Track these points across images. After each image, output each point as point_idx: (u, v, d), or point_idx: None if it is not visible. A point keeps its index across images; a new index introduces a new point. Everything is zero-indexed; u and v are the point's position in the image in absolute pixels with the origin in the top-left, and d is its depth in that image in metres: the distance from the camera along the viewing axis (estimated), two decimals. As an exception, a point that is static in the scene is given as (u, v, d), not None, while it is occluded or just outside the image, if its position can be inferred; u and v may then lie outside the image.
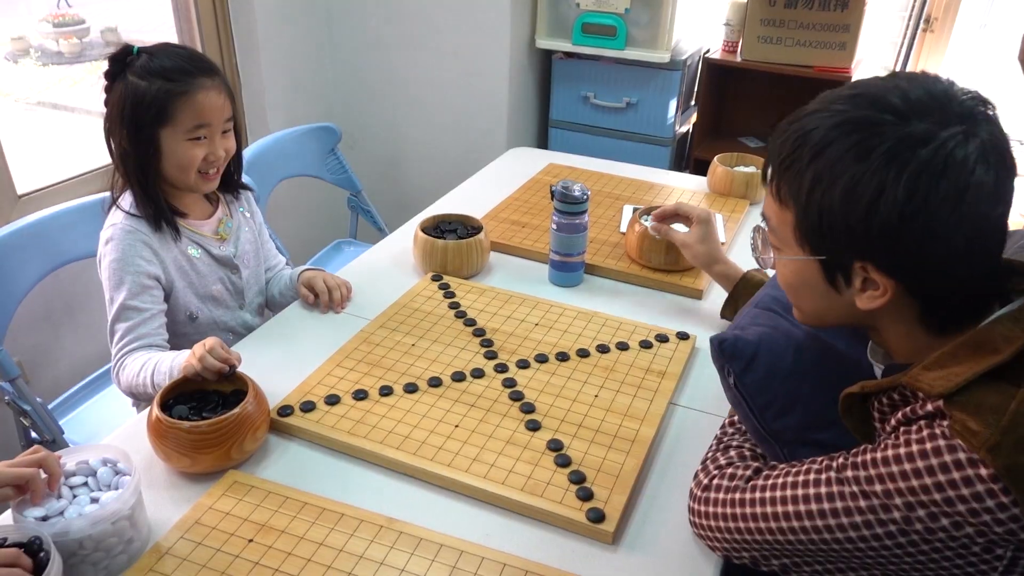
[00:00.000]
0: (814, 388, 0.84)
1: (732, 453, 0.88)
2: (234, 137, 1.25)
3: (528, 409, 1.04)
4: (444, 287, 1.34)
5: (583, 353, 1.17)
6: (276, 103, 2.36)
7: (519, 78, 2.48)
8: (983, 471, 0.61)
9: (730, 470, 0.84)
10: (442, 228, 1.46)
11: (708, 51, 2.52)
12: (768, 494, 0.76)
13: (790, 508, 0.73)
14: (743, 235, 1.60)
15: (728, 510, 0.80)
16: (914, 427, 0.67)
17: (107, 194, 1.26)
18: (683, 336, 1.22)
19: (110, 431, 1.04)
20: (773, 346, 0.86)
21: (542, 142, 2.69)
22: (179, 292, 1.26)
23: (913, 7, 2.38)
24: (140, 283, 1.20)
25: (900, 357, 0.77)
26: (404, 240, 1.52)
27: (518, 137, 2.57)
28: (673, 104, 2.41)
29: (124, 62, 1.18)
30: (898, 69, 2.33)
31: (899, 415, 0.70)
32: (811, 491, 0.72)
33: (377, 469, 0.96)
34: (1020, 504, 0.61)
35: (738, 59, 2.43)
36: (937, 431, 0.65)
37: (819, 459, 0.75)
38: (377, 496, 0.92)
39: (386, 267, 1.44)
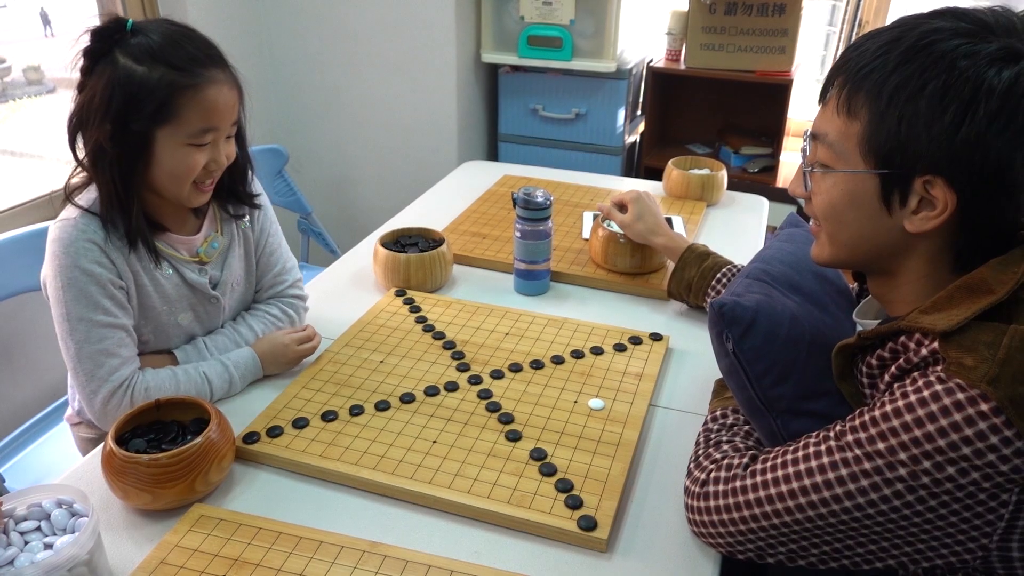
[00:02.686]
0: (810, 355, 0.83)
1: (725, 447, 0.86)
2: (235, 141, 1.06)
3: (507, 419, 1.01)
4: (409, 302, 1.30)
5: (558, 360, 1.14)
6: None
7: (466, 93, 2.46)
8: (984, 406, 0.61)
9: (726, 461, 0.82)
10: (402, 242, 1.42)
11: (652, 60, 2.55)
12: (769, 476, 0.74)
13: (794, 485, 0.71)
14: (704, 235, 1.60)
15: (729, 500, 0.77)
16: (908, 379, 0.67)
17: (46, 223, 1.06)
18: (656, 337, 1.20)
19: (57, 476, 0.96)
20: (771, 312, 0.85)
21: (492, 157, 2.67)
22: (134, 311, 1.03)
23: (847, 11, 2.45)
24: (107, 292, 0.98)
25: (901, 306, 0.76)
26: (362, 258, 1.48)
27: (468, 153, 2.55)
28: (621, 113, 2.42)
29: (113, 39, 0.94)
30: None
31: (892, 369, 0.70)
32: (813, 464, 0.71)
33: (354, 492, 0.91)
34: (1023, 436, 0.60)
35: (682, 67, 2.46)
36: (932, 377, 0.65)
37: (815, 433, 0.74)
38: (357, 520, 0.87)
39: (346, 286, 1.39)
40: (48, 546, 0.74)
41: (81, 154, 0.99)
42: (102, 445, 0.87)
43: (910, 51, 0.68)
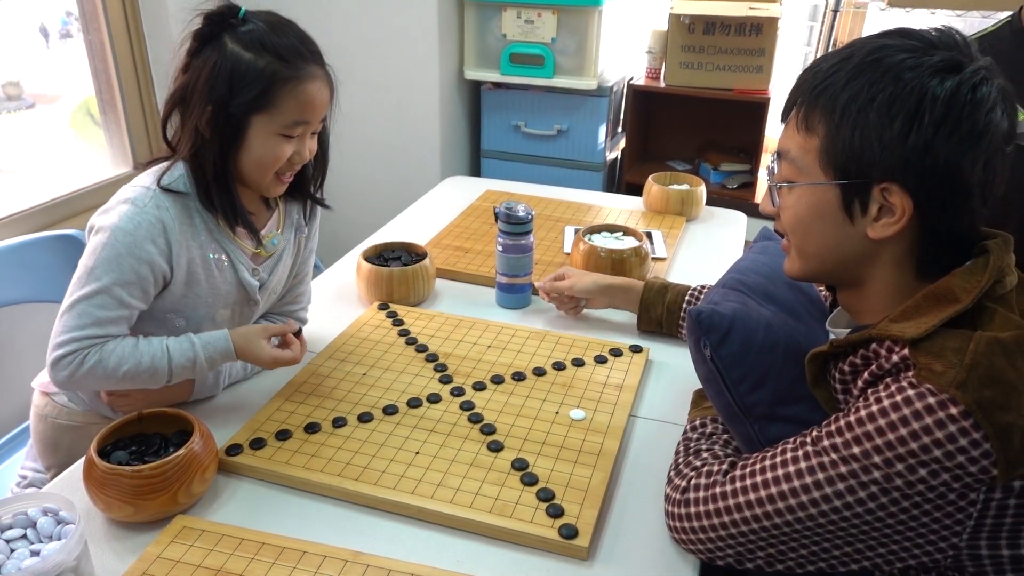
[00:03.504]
0: (785, 362, 0.85)
1: (705, 454, 0.88)
2: (319, 139, 1.09)
3: (489, 430, 1.02)
4: (392, 315, 1.31)
5: (539, 371, 1.15)
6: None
7: (449, 110, 2.49)
8: (953, 410, 0.64)
9: (706, 468, 0.83)
10: (385, 256, 1.43)
11: (632, 78, 2.59)
12: (748, 482, 0.76)
13: (772, 490, 0.73)
14: (683, 249, 1.62)
15: (709, 507, 0.79)
16: (881, 385, 0.70)
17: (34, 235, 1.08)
18: (636, 349, 1.22)
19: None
20: (747, 320, 0.87)
21: (475, 172, 2.69)
22: (176, 297, 1.03)
23: (822, 32, 2.51)
24: (139, 273, 0.97)
25: (870, 315, 0.79)
26: (345, 272, 1.48)
27: (451, 169, 2.57)
28: (602, 130, 2.45)
29: (224, 24, 0.97)
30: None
31: (865, 375, 0.72)
32: (791, 469, 0.73)
33: (337, 503, 0.92)
34: (990, 439, 0.63)
35: (662, 84, 2.50)
36: (904, 383, 0.67)
37: (792, 439, 0.76)
38: (339, 530, 0.87)
39: (329, 300, 1.40)
40: (35, 554, 0.74)
41: (170, 134, 1.03)
42: (84, 457, 0.87)
43: (860, 66, 0.72)
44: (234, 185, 1.03)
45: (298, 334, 1.10)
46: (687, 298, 1.24)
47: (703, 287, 1.24)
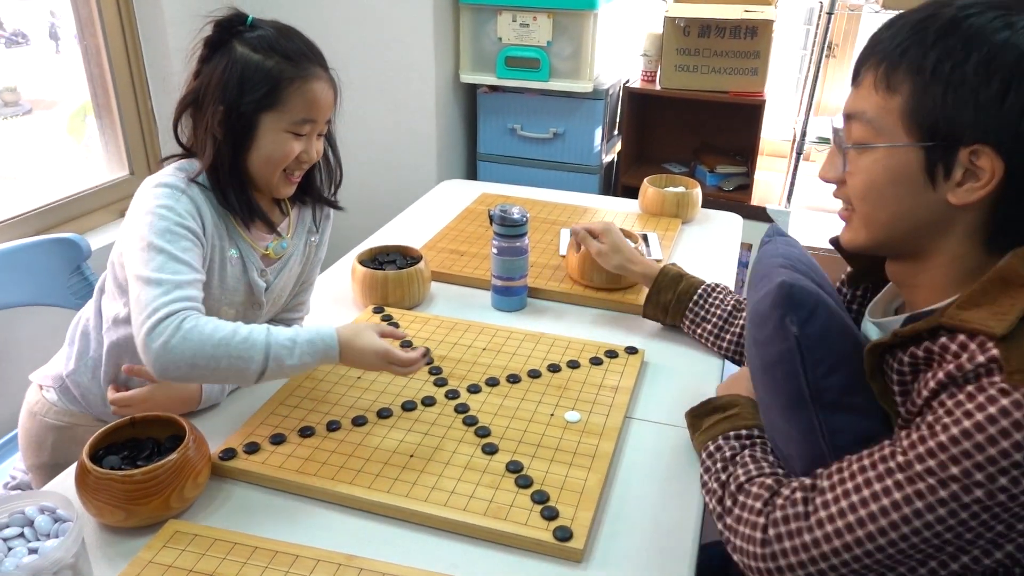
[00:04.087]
0: (855, 347, 0.79)
1: (758, 487, 0.80)
2: (327, 142, 1.14)
3: (483, 433, 1.01)
4: (387, 319, 1.30)
5: (534, 374, 1.15)
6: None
7: (445, 113, 2.49)
8: None
9: (779, 502, 0.76)
10: (380, 260, 1.43)
11: (628, 81, 2.59)
12: (840, 523, 0.70)
13: (872, 527, 0.68)
14: (679, 251, 1.62)
15: (802, 556, 0.72)
16: (964, 395, 0.65)
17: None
18: (632, 351, 1.21)
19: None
20: (826, 300, 0.80)
21: (471, 175, 2.69)
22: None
23: (816, 34, 2.52)
24: (194, 241, 1.00)
25: (927, 291, 0.77)
26: (340, 276, 1.48)
27: (447, 172, 2.57)
28: (598, 133, 2.45)
29: (233, 30, 1.03)
30: (806, 91, 2.44)
31: (940, 376, 0.68)
32: (886, 501, 0.68)
33: (331, 507, 0.91)
34: None
35: (657, 87, 2.50)
36: (994, 391, 0.63)
37: (867, 456, 0.72)
38: (333, 534, 0.87)
39: (325, 304, 1.40)
40: (33, 551, 0.74)
41: (183, 138, 1.08)
42: (76, 463, 0.87)
43: (948, 25, 0.69)
44: (248, 184, 1.07)
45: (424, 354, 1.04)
46: (700, 291, 1.23)
47: (718, 284, 1.24)
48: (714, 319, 1.21)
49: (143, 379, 1.07)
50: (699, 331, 1.23)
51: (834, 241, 0.89)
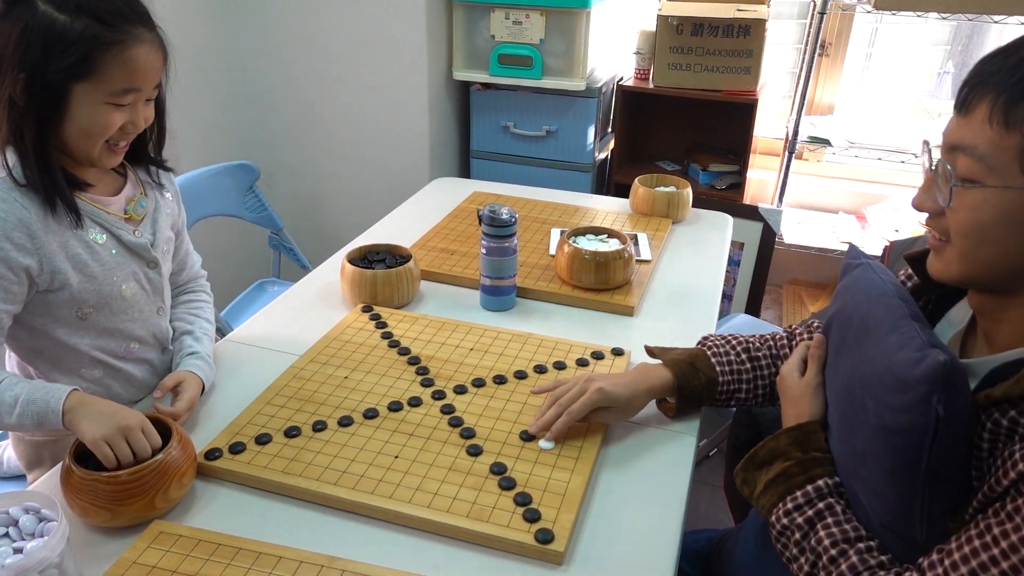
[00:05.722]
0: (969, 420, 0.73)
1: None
2: (154, 105, 1.02)
3: (468, 434, 1.02)
4: (375, 317, 1.31)
5: (521, 375, 1.16)
6: (188, 143, 2.29)
7: (439, 110, 2.49)
8: None
9: None
10: (370, 259, 1.43)
11: (621, 79, 2.59)
12: None
13: None
14: (669, 251, 1.63)
15: None
16: None
17: None
18: (618, 352, 1.22)
19: None
20: (967, 377, 0.72)
21: (464, 173, 2.70)
22: (74, 289, 0.99)
23: (809, 33, 2.52)
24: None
25: (1012, 333, 0.75)
26: (330, 274, 1.49)
27: (440, 169, 2.57)
28: (591, 131, 2.45)
29: None
30: (799, 90, 2.45)
31: None
32: None
33: (315, 508, 0.92)
34: None
35: (650, 85, 2.50)
36: None
37: (973, 542, 0.68)
38: (316, 535, 0.88)
39: (313, 302, 1.40)
40: (18, 551, 0.74)
41: None
42: (62, 463, 0.87)
43: None
44: (54, 158, 0.95)
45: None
46: (720, 380, 1.07)
47: (714, 347, 1.10)
48: (744, 385, 1.08)
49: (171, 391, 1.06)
50: (733, 402, 1.10)
51: (911, 259, 0.86)
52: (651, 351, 1.13)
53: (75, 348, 1.06)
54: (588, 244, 1.46)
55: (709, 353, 1.09)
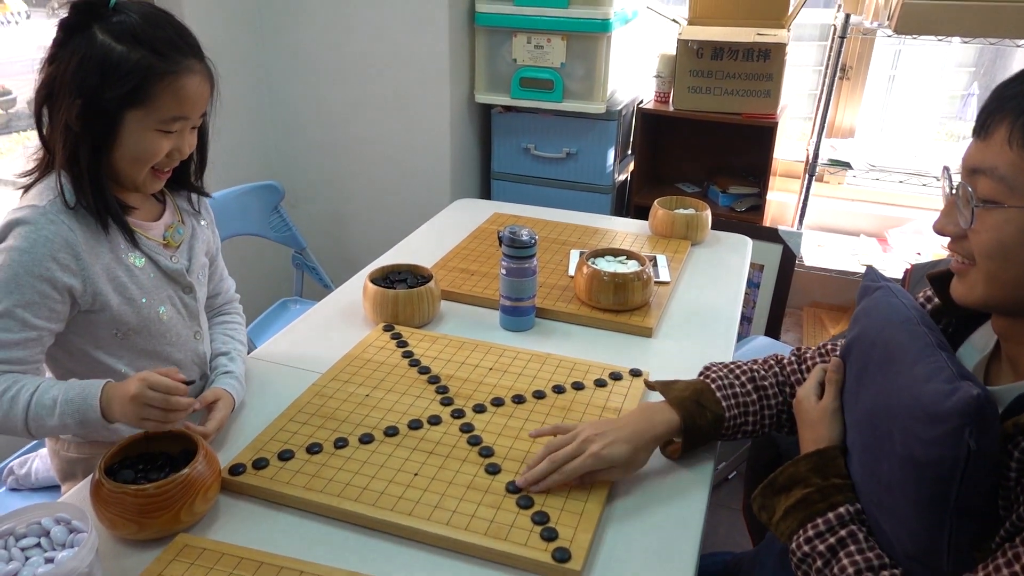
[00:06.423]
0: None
1: None
2: (198, 132, 1.08)
3: (487, 453, 1.03)
4: (396, 336, 1.33)
5: (539, 395, 1.17)
6: (215, 163, 2.33)
7: (460, 132, 2.52)
8: None
9: None
10: (391, 278, 1.46)
11: (642, 101, 2.61)
12: None
13: None
14: (687, 273, 1.64)
15: None
16: None
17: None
18: (636, 373, 1.23)
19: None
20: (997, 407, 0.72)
21: (485, 194, 2.73)
22: (114, 310, 1.02)
23: (829, 56, 2.53)
24: (42, 292, 0.94)
25: None
26: (352, 293, 1.51)
27: (461, 190, 2.60)
28: (611, 153, 2.48)
29: (94, 14, 0.93)
30: (819, 113, 2.45)
31: None
32: None
33: (336, 524, 0.93)
34: None
35: (670, 108, 2.52)
36: None
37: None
38: (337, 551, 0.89)
39: (336, 320, 1.42)
40: (49, 561, 0.77)
41: (46, 132, 0.99)
42: (92, 475, 0.90)
43: None
44: (107, 183, 0.99)
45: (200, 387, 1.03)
46: (727, 415, 1.03)
47: (718, 379, 1.06)
48: (751, 417, 1.05)
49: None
50: (740, 435, 1.07)
51: (934, 278, 0.86)
52: (651, 386, 1.09)
53: (112, 369, 1.09)
54: (607, 265, 1.47)
55: (714, 387, 1.05)
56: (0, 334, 0.94)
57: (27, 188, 1.02)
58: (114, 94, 0.94)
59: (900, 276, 2.00)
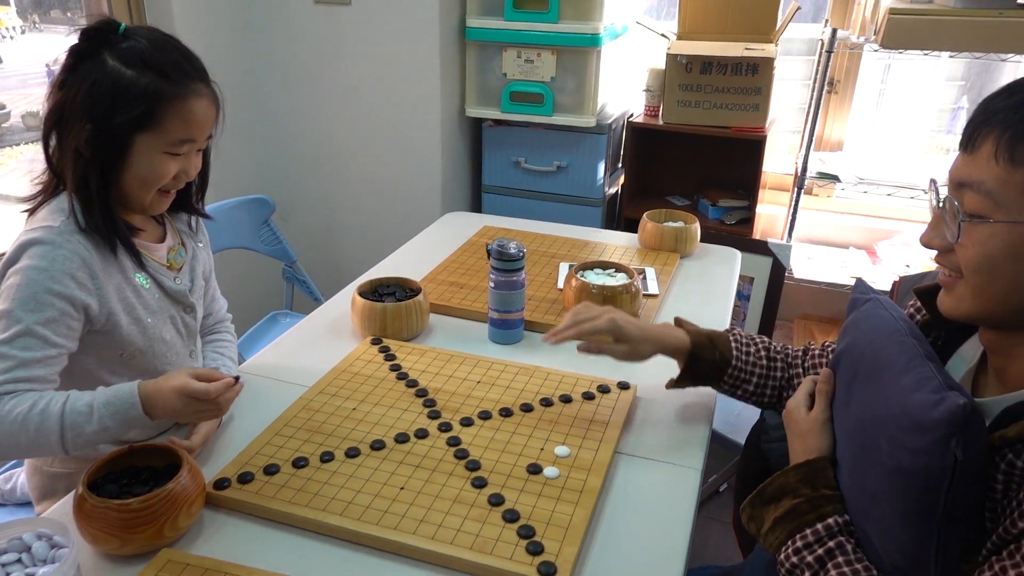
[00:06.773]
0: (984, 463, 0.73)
1: None
2: (203, 155, 1.09)
3: (473, 466, 1.03)
4: (384, 350, 1.33)
5: (527, 407, 1.17)
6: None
7: (451, 146, 2.53)
8: None
9: None
10: (380, 292, 1.46)
11: (632, 115, 2.63)
12: None
13: None
14: (676, 286, 1.64)
15: None
16: None
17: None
18: (624, 386, 1.23)
19: None
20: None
21: (475, 207, 2.73)
22: (123, 330, 1.04)
23: (817, 71, 2.55)
24: (62, 310, 0.95)
25: (1020, 367, 0.76)
26: (341, 306, 1.51)
27: (452, 203, 2.61)
28: (601, 166, 2.49)
29: (104, 40, 0.95)
30: (808, 126, 2.47)
31: None
32: None
33: (320, 538, 0.93)
34: None
35: (660, 122, 2.54)
36: None
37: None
38: (322, 565, 0.88)
39: (324, 334, 1.42)
40: (30, 576, 0.76)
41: (54, 156, 1.01)
42: (75, 490, 0.89)
43: None
44: (115, 205, 1.01)
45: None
46: (735, 356, 1.11)
47: (738, 334, 1.14)
48: (755, 379, 1.12)
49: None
50: (739, 392, 1.14)
51: (921, 292, 0.87)
52: (679, 321, 1.17)
53: None
54: (596, 278, 1.48)
55: (731, 338, 1.14)
56: (23, 352, 0.94)
57: (32, 211, 1.03)
58: (124, 118, 0.95)
59: (888, 288, 2.02)
